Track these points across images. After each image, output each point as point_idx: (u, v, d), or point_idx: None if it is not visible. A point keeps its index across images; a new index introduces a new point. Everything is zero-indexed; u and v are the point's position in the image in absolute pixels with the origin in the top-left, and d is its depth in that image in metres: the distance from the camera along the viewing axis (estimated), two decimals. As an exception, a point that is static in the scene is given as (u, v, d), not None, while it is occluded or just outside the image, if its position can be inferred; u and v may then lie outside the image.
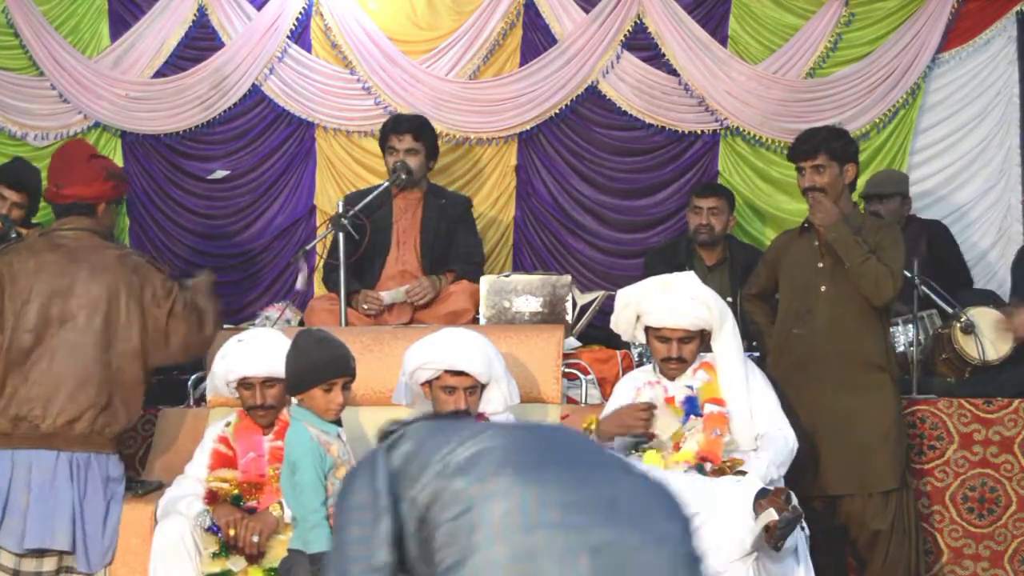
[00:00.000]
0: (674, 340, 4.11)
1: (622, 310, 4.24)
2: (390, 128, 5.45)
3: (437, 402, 4.06)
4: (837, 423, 4.47)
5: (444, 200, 5.56)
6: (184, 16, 6.25)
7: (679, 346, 4.11)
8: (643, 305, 4.17)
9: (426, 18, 6.32)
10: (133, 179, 6.28)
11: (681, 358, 4.12)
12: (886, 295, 4.46)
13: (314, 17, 6.28)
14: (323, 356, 3.60)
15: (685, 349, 4.12)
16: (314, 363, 3.58)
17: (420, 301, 5.26)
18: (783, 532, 3.59)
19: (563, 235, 6.31)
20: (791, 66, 6.17)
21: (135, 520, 3.97)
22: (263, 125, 6.32)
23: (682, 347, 4.11)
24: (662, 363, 4.17)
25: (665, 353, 4.13)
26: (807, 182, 4.56)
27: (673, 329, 4.10)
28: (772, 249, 4.96)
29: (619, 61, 6.22)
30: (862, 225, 4.56)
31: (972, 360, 4.86)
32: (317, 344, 3.63)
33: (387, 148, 5.44)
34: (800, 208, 5.80)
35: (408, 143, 5.38)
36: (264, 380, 4.02)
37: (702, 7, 6.23)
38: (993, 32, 6.21)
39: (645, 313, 4.16)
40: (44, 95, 6.30)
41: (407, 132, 5.39)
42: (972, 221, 6.18)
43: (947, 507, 4.76)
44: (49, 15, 6.28)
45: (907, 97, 6.19)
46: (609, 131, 6.30)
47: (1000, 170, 6.22)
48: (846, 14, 6.20)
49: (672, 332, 4.11)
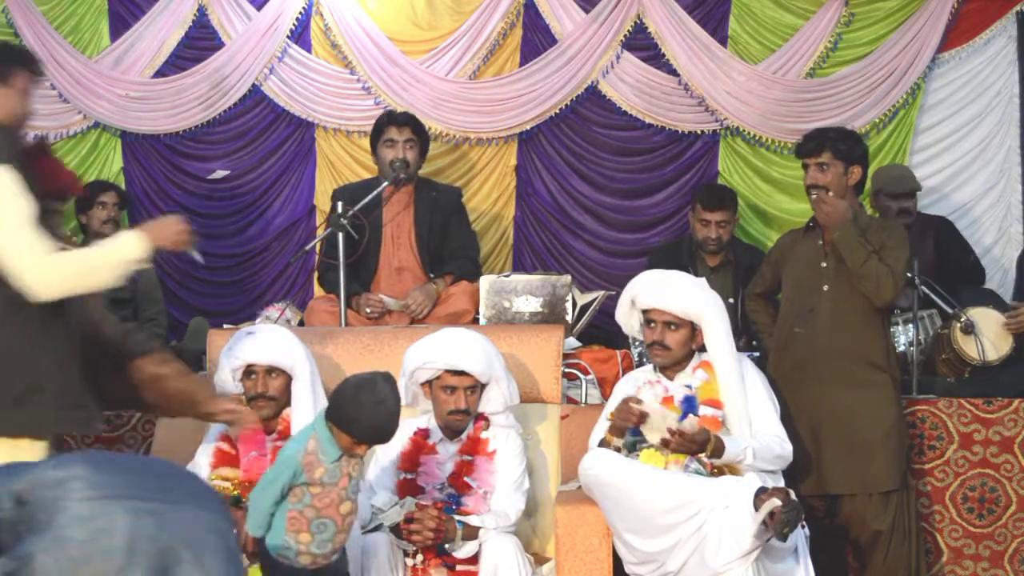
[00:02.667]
0: (660, 324, 4.11)
1: (624, 295, 4.25)
2: (387, 122, 5.49)
3: (437, 402, 4.07)
4: (838, 422, 4.47)
5: (436, 192, 5.59)
6: (184, 16, 6.25)
7: (664, 330, 4.11)
8: (638, 288, 4.18)
9: (426, 18, 6.32)
10: (133, 179, 6.28)
11: (665, 344, 4.11)
12: (886, 296, 4.46)
13: (314, 17, 6.28)
14: (382, 423, 3.38)
15: (670, 336, 4.11)
16: (374, 425, 3.36)
17: (419, 315, 5.26)
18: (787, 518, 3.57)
19: (563, 235, 6.31)
20: (791, 66, 6.17)
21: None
22: (263, 125, 6.32)
23: (667, 333, 4.11)
24: (649, 349, 4.18)
25: (650, 337, 4.14)
26: (809, 179, 4.58)
27: (661, 311, 4.10)
28: (776, 249, 4.96)
29: (619, 61, 6.22)
30: (868, 225, 4.56)
31: (972, 360, 4.86)
32: (386, 408, 3.39)
33: (384, 142, 5.45)
34: (800, 208, 5.80)
35: (408, 134, 5.45)
36: (268, 368, 4.05)
37: (702, 7, 6.24)
38: (993, 32, 6.22)
39: (639, 293, 4.17)
40: (44, 95, 6.28)
41: (406, 124, 5.47)
42: (972, 221, 6.18)
43: (947, 507, 4.76)
44: (49, 15, 6.28)
45: (907, 97, 6.20)
46: (609, 131, 6.30)
47: (1000, 170, 6.23)
48: (846, 14, 6.20)
49: (660, 315, 4.11)
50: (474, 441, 4.10)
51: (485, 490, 4.03)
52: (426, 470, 4.07)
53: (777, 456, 4.05)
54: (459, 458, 4.07)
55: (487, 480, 4.04)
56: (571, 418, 4.43)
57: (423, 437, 4.13)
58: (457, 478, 4.04)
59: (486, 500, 4.02)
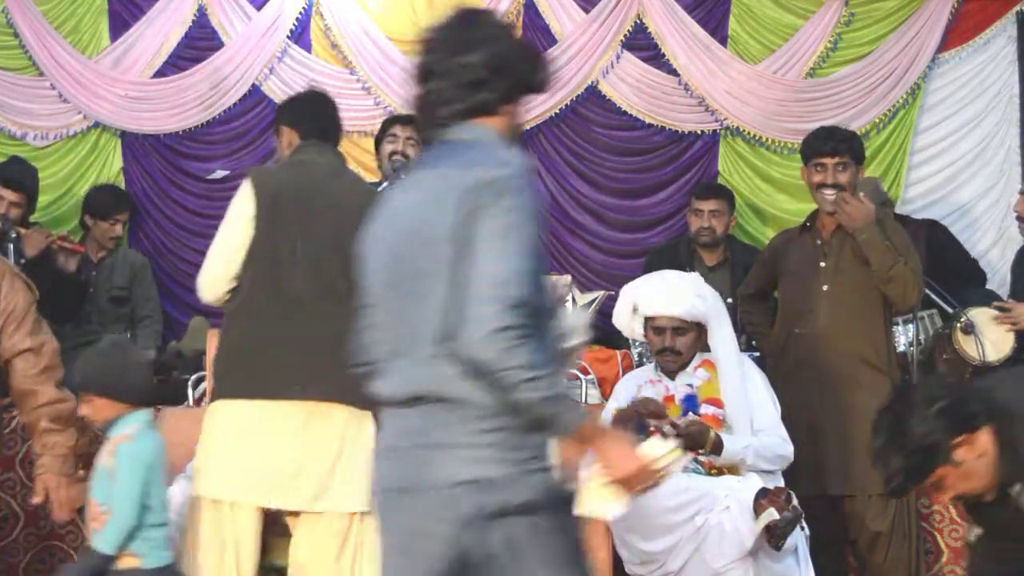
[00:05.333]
0: (668, 330, 4.11)
1: (621, 302, 4.25)
2: (393, 120, 5.53)
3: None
4: (838, 423, 4.46)
5: None
6: (184, 16, 6.24)
7: (672, 336, 4.11)
8: (640, 293, 4.18)
9: (426, 18, 6.28)
10: (133, 179, 6.28)
11: (675, 350, 4.12)
12: (913, 300, 4.46)
13: (314, 17, 6.28)
14: None
15: (679, 341, 4.12)
16: None
17: None
18: (783, 532, 3.59)
19: (563, 235, 6.30)
20: (791, 66, 6.17)
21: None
22: (263, 125, 6.31)
23: (676, 338, 4.12)
24: (657, 356, 4.18)
25: (660, 344, 4.14)
26: (830, 179, 4.52)
27: (669, 317, 4.10)
28: (769, 249, 4.95)
29: (619, 61, 6.22)
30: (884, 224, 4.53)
31: (972, 360, 4.85)
32: None
33: (387, 137, 5.47)
34: (800, 208, 5.79)
35: (411, 132, 5.46)
36: None
37: (702, 7, 6.23)
38: (993, 32, 6.21)
39: (641, 302, 4.17)
40: (44, 95, 6.29)
41: (410, 123, 5.48)
42: (972, 221, 6.17)
43: (947, 507, 4.75)
44: (49, 15, 6.27)
45: (907, 97, 6.19)
46: (609, 131, 6.29)
47: (1000, 170, 6.22)
48: (846, 14, 6.20)
49: (668, 321, 4.11)
50: None
51: None
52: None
53: (778, 456, 4.05)
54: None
55: None
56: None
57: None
58: None
59: None
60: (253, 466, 3.45)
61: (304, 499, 3.48)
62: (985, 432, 2.80)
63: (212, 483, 3.51)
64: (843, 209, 4.44)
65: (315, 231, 3.52)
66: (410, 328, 2.32)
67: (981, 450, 2.79)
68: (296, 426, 3.46)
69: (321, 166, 3.65)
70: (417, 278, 2.31)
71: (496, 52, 2.44)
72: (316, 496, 3.48)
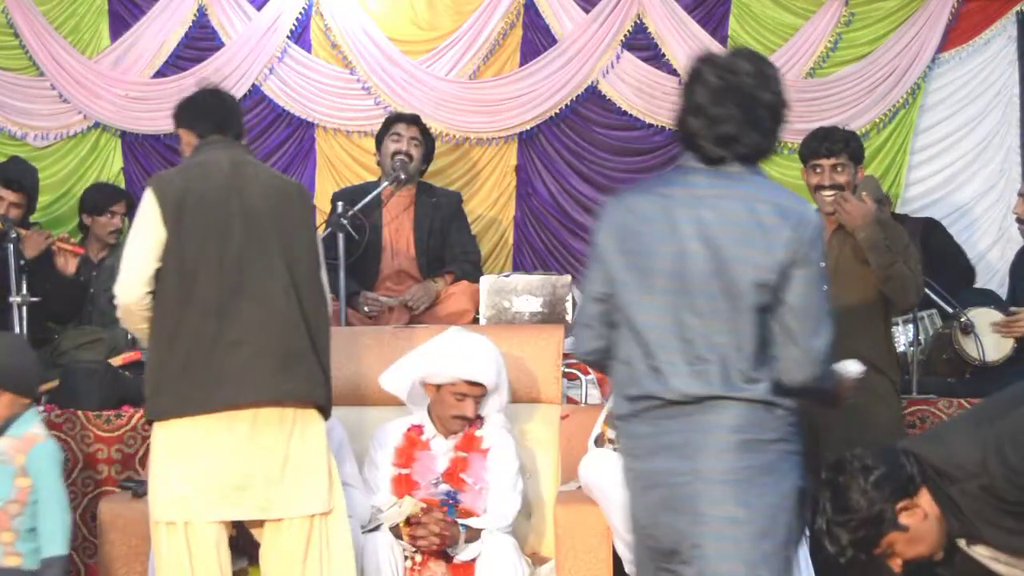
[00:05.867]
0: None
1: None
2: (396, 118, 5.56)
3: (443, 404, 4.06)
4: (838, 423, 4.46)
5: (435, 198, 5.59)
6: (184, 16, 6.25)
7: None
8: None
9: (426, 18, 6.32)
10: (133, 179, 6.28)
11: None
12: (912, 300, 4.46)
13: (314, 17, 6.28)
14: None
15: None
16: None
17: (417, 308, 5.27)
18: None
19: (563, 235, 6.31)
20: (791, 66, 6.17)
21: (135, 520, 3.96)
22: (263, 125, 6.32)
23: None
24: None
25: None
26: (828, 180, 4.52)
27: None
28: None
29: (619, 61, 6.23)
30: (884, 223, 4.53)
31: (972, 360, 4.86)
32: None
33: (390, 135, 5.47)
34: (800, 208, 5.78)
35: (414, 132, 5.51)
36: None
37: (702, 7, 6.24)
38: (993, 32, 6.22)
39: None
40: (44, 95, 6.29)
41: (414, 123, 5.53)
42: (972, 221, 6.18)
43: (947, 507, 4.75)
44: (49, 15, 6.28)
45: (907, 97, 6.20)
46: (609, 131, 6.30)
47: (1000, 170, 6.23)
48: (846, 14, 6.20)
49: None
50: (468, 438, 4.11)
51: (481, 486, 4.04)
52: (420, 466, 4.08)
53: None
54: (454, 454, 4.08)
55: (482, 476, 4.05)
56: (571, 418, 4.43)
57: (417, 433, 4.14)
58: (452, 475, 4.05)
59: (482, 497, 4.03)
60: (201, 484, 3.39)
61: (256, 508, 3.45)
62: (924, 494, 2.86)
63: (163, 508, 3.44)
64: (843, 208, 4.45)
65: (222, 231, 3.43)
66: None
67: (925, 511, 2.86)
68: (243, 436, 3.40)
69: (222, 163, 3.55)
70: None
71: None
72: (268, 503, 3.45)
